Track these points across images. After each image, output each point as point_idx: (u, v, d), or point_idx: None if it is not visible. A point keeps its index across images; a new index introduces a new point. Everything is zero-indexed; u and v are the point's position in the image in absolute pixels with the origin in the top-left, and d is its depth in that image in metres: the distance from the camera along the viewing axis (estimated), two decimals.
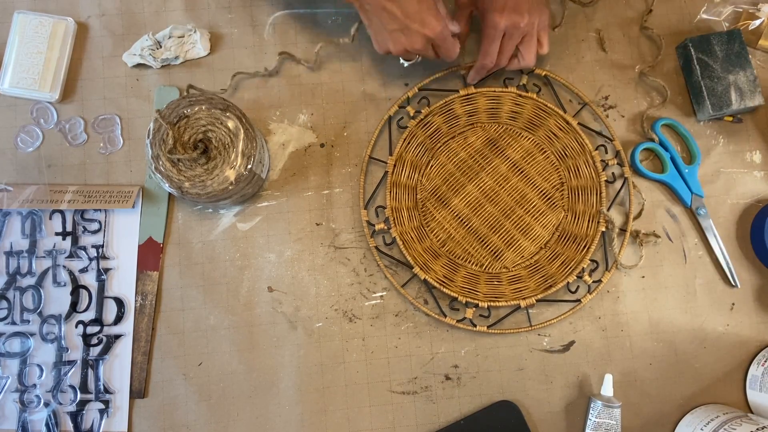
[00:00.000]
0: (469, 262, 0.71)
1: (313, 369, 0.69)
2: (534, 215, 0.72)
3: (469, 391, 0.69)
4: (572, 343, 0.70)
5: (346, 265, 0.70)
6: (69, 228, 0.70)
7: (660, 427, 0.69)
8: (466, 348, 0.69)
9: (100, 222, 0.70)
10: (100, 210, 0.70)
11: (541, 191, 0.72)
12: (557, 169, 0.72)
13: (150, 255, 0.70)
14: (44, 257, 0.69)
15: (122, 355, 0.68)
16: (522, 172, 0.72)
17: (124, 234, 0.70)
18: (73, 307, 0.69)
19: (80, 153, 0.71)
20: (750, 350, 0.70)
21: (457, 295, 0.68)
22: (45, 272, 0.69)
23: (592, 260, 0.70)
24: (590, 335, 0.70)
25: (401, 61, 0.68)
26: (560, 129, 0.71)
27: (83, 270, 0.69)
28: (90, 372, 0.68)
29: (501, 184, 0.72)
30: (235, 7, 0.73)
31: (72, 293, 0.69)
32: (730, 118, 0.73)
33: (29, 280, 0.69)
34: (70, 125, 0.72)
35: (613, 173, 0.72)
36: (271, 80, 0.73)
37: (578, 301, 0.69)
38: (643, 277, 0.71)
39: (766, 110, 0.73)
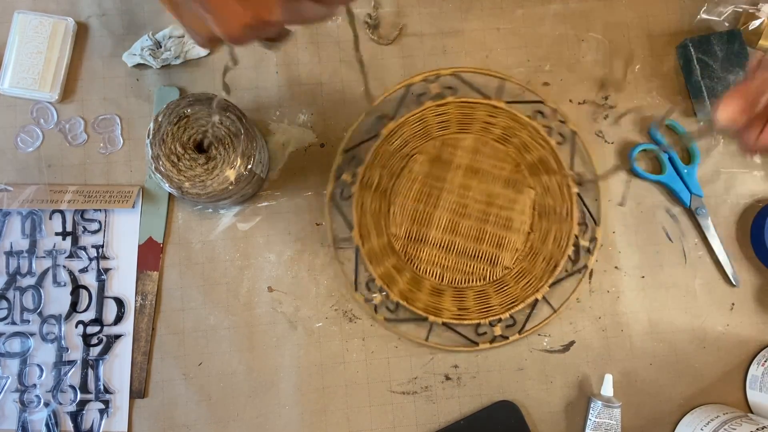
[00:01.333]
0: (472, 281, 0.71)
1: (313, 369, 0.69)
2: (508, 208, 0.71)
3: (469, 391, 0.69)
4: (572, 343, 0.70)
5: (346, 264, 0.70)
6: (69, 228, 0.70)
7: (660, 427, 0.69)
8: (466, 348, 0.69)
9: (100, 222, 0.70)
10: (100, 210, 0.70)
11: (503, 181, 0.71)
12: (507, 153, 0.72)
13: (150, 255, 0.70)
14: (44, 257, 0.69)
15: (122, 355, 0.68)
16: (477, 173, 0.72)
17: (124, 234, 0.70)
18: (73, 307, 0.69)
19: (80, 153, 0.71)
20: (750, 350, 0.70)
21: (479, 321, 0.68)
22: (45, 272, 0.69)
23: (580, 224, 0.70)
24: (590, 335, 0.70)
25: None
26: (491, 115, 0.71)
27: (83, 270, 0.69)
28: (90, 372, 0.68)
29: (464, 195, 0.71)
30: None
31: (72, 293, 0.69)
32: None
33: (29, 280, 0.69)
34: (70, 125, 0.72)
35: (560, 134, 0.72)
36: (271, 80, 0.73)
37: (585, 266, 0.69)
38: (643, 277, 0.71)
39: None
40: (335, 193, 0.70)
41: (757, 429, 0.59)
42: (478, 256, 0.71)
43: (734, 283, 0.71)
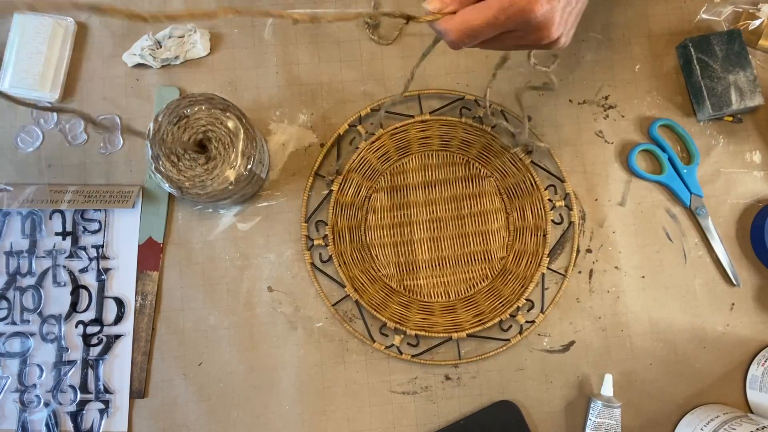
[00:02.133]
0: (477, 285, 0.71)
1: (313, 369, 0.69)
2: (477, 204, 0.72)
3: (469, 391, 0.69)
4: (572, 343, 0.70)
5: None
6: (69, 228, 0.70)
7: (660, 427, 0.69)
8: (466, 348, 0.69)
9: (100, 222, 0.70)
10: (100, 210, 0.70)
11: (461, 181, 0.72)
12: (453, 156, 0.72)
13: (150, 255, 0.70)
14: (44, 257, 0.69)
15: (122, 355, 0.68)
16: (435, 186, 0.72)
17: (124, 234, 0.70)
18: (73, 307, 0.69)
19: (80, 153, 0.71)
20: (750, 350, 0.70)
21: (500, 318, 0.68)
22: (45, 272, 0.69)
23: (548, 188, 0.70)
24: (590, 335, 0.70)
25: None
26: (423, 130, 0.71)
27: (83, 270, 0.69)
28: (90, 372, 0.68)
29: (433, 211, 0.72)
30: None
31: (72, 293, 0.69)
32: (730, 118, 0.73)
33: (29, 280, 0.69)
34: (70, 125, 0.72)
35: (491, 115, 0.71)
36: (271, 80, 0.73)
37: (571, 223, 0.70)
38: (643, 277, 0.71)
39: (766, 110, 0.73)
40: (314, 260, 0.70)
41: (757, 429, 0.59)
42: (471, 260, 0.71)
43: (734, 283, 0.71)
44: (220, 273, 0.70)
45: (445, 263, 0.71)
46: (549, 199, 0.70)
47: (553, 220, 0.70)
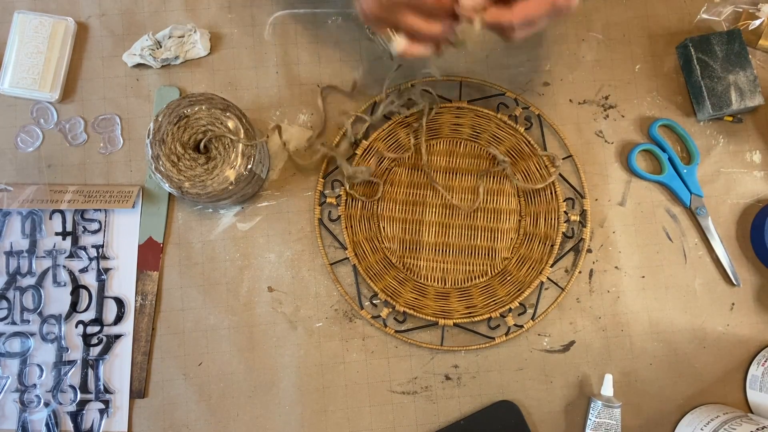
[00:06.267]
0: (475, 279, 0.71)
1: (313, 369, 0.69)
2: (493, 200, 0.72)
3: (469, 391, 0.69)
4: (572, 343, 0.70)
5: (346, 264, 0.70)
6: (69, 228, 0.70)
7: (660, 427, 0.69)
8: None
9: (100, 222, 0.70)
10: (100, 210, 0.70)
11: (483, 175, 0.72)
12: (481, 149, 0.72)
13: (150, 255, 0.70)
14: (44, 257, 0.69)
15: (122, 355, 0.68)
16: (456, 173, 0.72)
17: (124, 234, 0.70)
18: (73, 307, 0.69)
19: (80, 153, 0.71)
20: (750, 350, 0.70)
21: (489, 315, 0.68)
22: (45, 272, 0.69)
23: (566, 200, 0.70)
24: (590, 335, 0.70)
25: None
26: (457, 117, 0.72)
27: (83, 270, 0.69)
28: (90, 372, 0.68)
29: (450, 198, 0.72)
30: (235, 7, 0.73)
31: (72, 293, 0.69)
32: (730, 118, 0.73)
33: (29, 280, 0.69)
34: (70, 125, 0.72)
35: (527, 119, 0.72)
36: (271, 80, 0.73)
37: (582, 239, 0.70)
38: (643, 277, 0.71)
39: (766, 110, 0.73)
40: (322, 216, 0.70)
41: (757, 429, 0.59)
42: (474, 254, 0.71)
43: (734, 283, 0.71)
44: (220, 273, 0.70)
45: (449, 250, 0.71)
46: (565, 212, 0.70)
47: (564, 233, 0.70)
